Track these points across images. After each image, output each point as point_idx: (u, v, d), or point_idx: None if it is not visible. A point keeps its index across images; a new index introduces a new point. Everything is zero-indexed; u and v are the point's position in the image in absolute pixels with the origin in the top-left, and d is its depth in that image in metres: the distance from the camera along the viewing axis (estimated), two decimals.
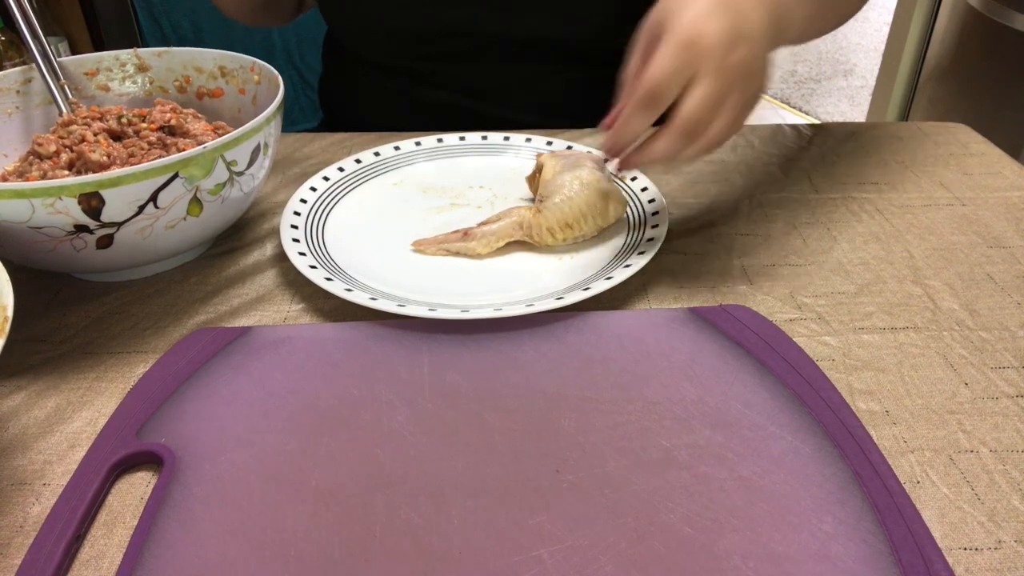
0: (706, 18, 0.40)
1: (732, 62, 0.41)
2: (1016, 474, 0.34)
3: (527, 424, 0.35)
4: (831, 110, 2.77)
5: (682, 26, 0.41)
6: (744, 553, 0.29)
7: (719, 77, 0.41)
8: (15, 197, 0.37)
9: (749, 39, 0.41)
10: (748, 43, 0.41)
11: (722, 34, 0.40)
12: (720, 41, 0.40)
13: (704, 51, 0.41)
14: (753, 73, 0.41)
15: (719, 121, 0.42)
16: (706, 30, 0.40)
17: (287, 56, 1.20)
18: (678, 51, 0.41)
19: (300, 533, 0.30)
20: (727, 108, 0.41)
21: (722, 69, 0.41)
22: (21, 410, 0.38)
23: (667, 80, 0.41)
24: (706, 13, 0.40)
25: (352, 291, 0.43)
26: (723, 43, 0.40)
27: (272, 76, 0.51)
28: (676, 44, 0.41)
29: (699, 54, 0.41)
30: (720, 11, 0.40)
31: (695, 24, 0.40)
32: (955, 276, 0.47)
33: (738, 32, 0.40)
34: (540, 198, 0.49)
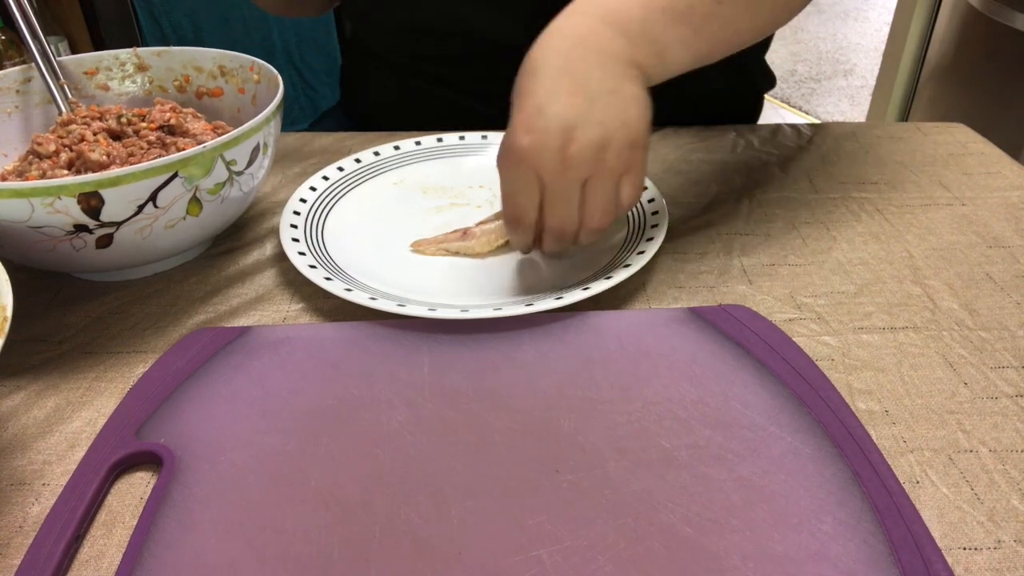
0: (534, 117, 0.39)
1: (571, 158, 0.39)
2: (1015, 474, 0.34)
3: (527, 424, 0.35)
4: (831, 110, 2.77)
5: (509, 138, 0.40)
6: (743, 553, 0.29)
7: (561, 179, 0.40)
8: (14, 196, 0.37)
9: (587, 119, 0.39)
10: (586, 125, 0.39)
11: (551, 133, 0.38)
12: (548, 143, 0.39)
13: (536, 160, 0.39)
14: (604, 152, 0.40)
15: (591, 207, 0.41)
16: (531, 137, 0.39)
17: (287, 56, 1.21)
18: (512, 169, 0.40)
19: (300, 533, 0.30)
20: (595, 194, 0.40)
21: (561, 172, 0.39)
22: (20, 410, 0.38)
23: (515, 203, 0.41)
24: (534, 111, 0.39)
25: (352, 291, 0.43)
26: (554, 143, 0.39)
27: (272, 76, 0.51)
28: (509, 161, 0.40)
29: (532, 164, 0.39)
30: (552, 96, 0.39)
31: (520, 132, 0.39)
32: (954, 276, 0.47)
33: (572, 117, 0.39)
34: None
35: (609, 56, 0.40)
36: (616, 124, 0.40)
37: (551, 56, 0.40)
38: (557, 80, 0.39)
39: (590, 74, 0.39)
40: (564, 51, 0.40)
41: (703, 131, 0.66)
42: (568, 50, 0.40)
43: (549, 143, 0.39)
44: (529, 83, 0.40)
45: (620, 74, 0.40)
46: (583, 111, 0.39)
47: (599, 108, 0.39)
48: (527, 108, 0.39)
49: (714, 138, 0.65)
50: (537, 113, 0.39)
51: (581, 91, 0.39)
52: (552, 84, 0.39)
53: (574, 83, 0.39)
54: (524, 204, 0.41)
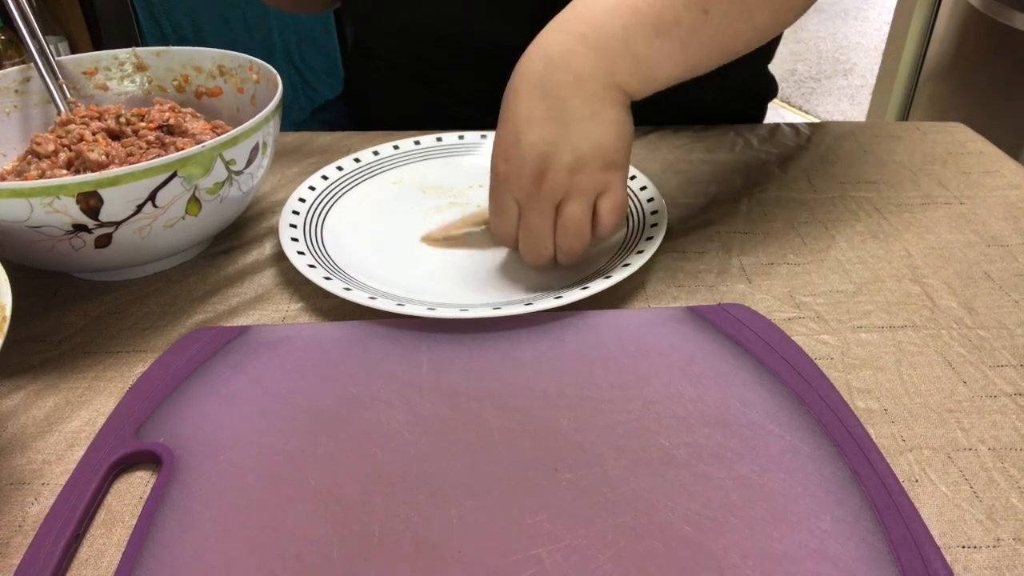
0: (512, 145, 0.40)
1: (545, 183, 0.40)
2: (1014, 472, 0.34)
3: (526, 423, 0.35)
4: (831, 109, 2.77)
5: (492, 161, 0.42)
6: (743, 552, 0.29)
7: (534, 203, 0.41)
8: (13, 196, 0.37)
9: (561, 146, 0.39)
10: (560, 152, 0.39)
11: (526, 161, 0.40)
12: (524, 171, 0.40)
13: (513, 186, 0.41)
14: (577, 174, 0.40)
15: (564, 229, 0.42)
16: (508, 166, 0.40)
17: (287, 56, 1.21)
18: (494, 191, 0.42)
19: (299, 532, 0.30)
20: (567, 215, 0.41)
21: (535, 196, 0.41)
22: (20, 410, 0.38)
23: (497, 223, 0.43)
24: (512, 139, 0.40)
25: (351, 290, 0.43)
26: (530, 171, 0.40)
27: (271, 75, 0.51)
28: (491, 183, 0.43)
29: (510, 190, 0.41)
30: (528, 123, 0.40)
31: (499, 159, 0.41)
32: (953, 275, 0.47)
33: (547, 145, 0.39)
34: None
35: (587, 78, 0.40)
36: (591, 148, 0.40)
37: (531, 77, 0.40)
38: (534, 104, 0.40)
39: (567, 99, 0.39)
40: (542, 73, 0.40)
41: (702, 131, 0.66)
42: (546, 72, 0.40)
43: (525, 171, 0.40)
44: (510, 104, 0.41)
45: (599, 97, 0.40)
46: (558, 138, 0.39)
47: (575, 134, 0.40)
48: (506, 134, 0.41)
49: (713, 138, 0.65)
50: (515, 141, 0.40)
51: (557, 118, 0.39)
52: (529, 109, 0.40)
53: (550, 108, 0.40)
54: (505, 226, 0.43)
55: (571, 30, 0.41)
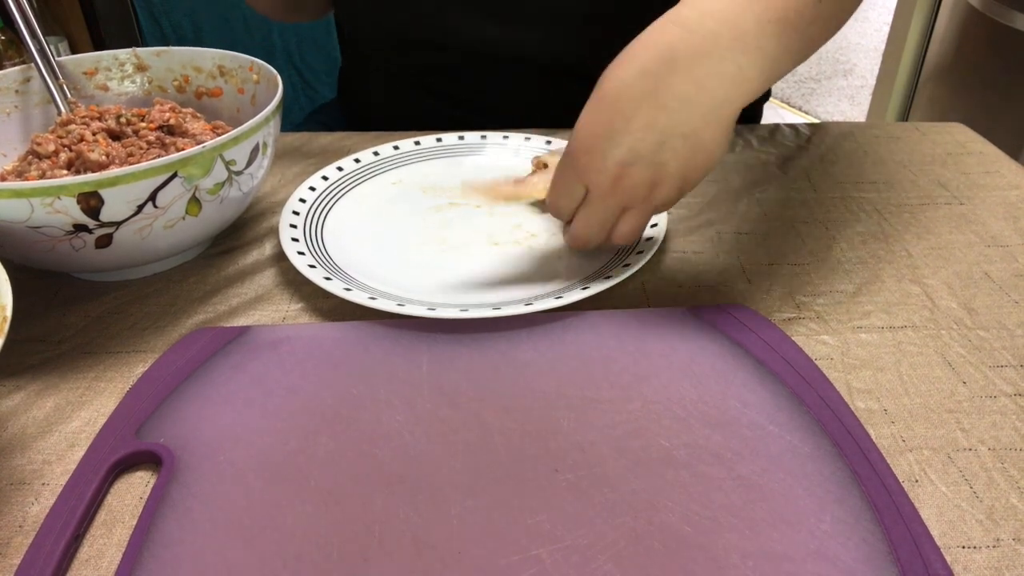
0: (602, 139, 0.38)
1: (621, 189, 0.39)
2: (1014, 472, 0.34)
3: (526, 423, 0.35)
4: (831, 109, 2.77)
5: (575, 141, 0.39)
6: (743, 552, 0.29)
7: (603, 202, 0.40)
8: (14, 197, 0.37)
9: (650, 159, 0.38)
10: (645, 164, 0.38)
11: (609, 160, 0.38)
12: (605, 169, 0.38)
13: (588, 177, 0.39)
14: (653, 190, 0.39)
15: (622, 231, 0.42)
16: (590, 158, 0.38)
17: (287, 56, 1.20)
18: (566, 170, 0.40)
19: (299, 532, 0.30)
20: (629, 222, 0.41)
21: (607, 196, 0.39)
22: (20, 410, 0.38)
23: (558, 198, 0.42)
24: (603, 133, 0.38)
25: (351, 290, 0.43)
26: (611, 171, 0.38)
27: (271, 76, 0.51)
28: (566, 161, 0.40)
29: (584, 179, 0.39)
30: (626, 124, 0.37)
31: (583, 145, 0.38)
32: (953, 275, 0.47)
33: (636, 153, 0.37)
34: None
35: (710, 90, 0.37)
36: (675, 170, 0.38)
37: (643, 76, 0.37)
38: (637, 109, 0.37)
39: (673, 112, 0.37)
40: (658, 74, 0.37)
41: None
42: (663, 74, 0.37)
43: (606, 169, 0.38)
44: (613, 93, 0.38)
45: (714, 116, 0.37)
46: (650, 151, 0.37)
47: (666, 153, 0.38)
48: (599, 122, 0.38)
49: None
50: (607, 135, 0.38)
51: (654, 130, 0.37)
52: (632, 108, 0.37)
53: (650, 119, 0.37)
54: (565, 204, 0.42)
55: (697, 28, 0.37)
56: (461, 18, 0.64)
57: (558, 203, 0.42)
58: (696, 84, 0.37)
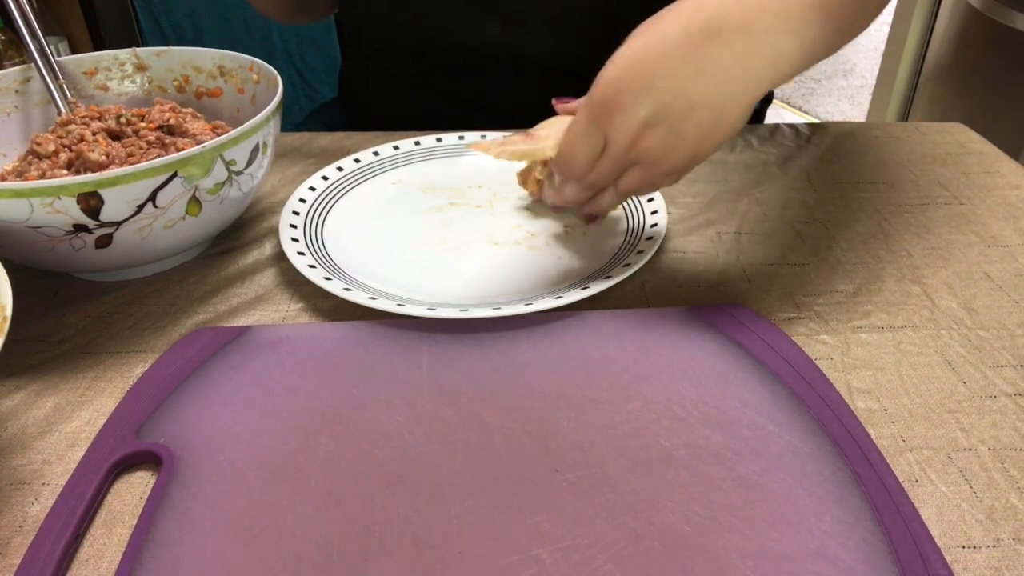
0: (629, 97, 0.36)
1: (637, 149, 0.38)
2: (1014, 472, 0.34)
3: (526, 423, 0.35)
4: (831, 109, 2.77)
5: (599, 94, 0.37)
6: (743, 552, 0.29)
7: (616, 157, 0.39)
8: (14, 197, 0.37)
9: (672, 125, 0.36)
10: (666, 129, 0.36)
11: (634, 119, 0.36)
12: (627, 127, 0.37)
13: (608, 131, 0.38)
14: (667, 154, 0.38)
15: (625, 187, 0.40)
16: (616, 119, 0.37)
17: (287, 56, 1.20)
18: (586, 121, 0.38)
19: (299, 532, 0.30)
20: (633, 178, 0.40)
21: (621, 153, 0.38)
22: (20, 410, 0.38)
23: (575, 151, 0.40)
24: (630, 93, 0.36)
25: (351, 290, 0.43)
26: (631, 131, 0.37)
27: (271, 76, 0.51)
28: (587, 113, 0.38)
29: (604, 131, 0.38)
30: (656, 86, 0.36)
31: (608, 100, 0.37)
32: (953, 275, 0.47)
33: (661, 117, 0.36)
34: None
35: (746, 65, 0.36)
36: (693, 140, 0.38)
37: (685, 39, 0.36)
38: (673, 71, 0.36)
39: (708, 81, 0.36)
40: (699, 41, 0.36)
41: None
42: (708, 42, 0.35)
43: (627, 125, 0.37)
44: (646, 50, 0.36)
45: (738, 89, 0.37)
46: (676, 116, 0.36)
47: (691, 121, 0.37)
48: (630, 78, 0.36)
49: None
50: (633, 95, 0.36)
51: (685, 96, 0.36)
52: (665, 71, 0.36)
53: (684, 83, 0.36)
54: (583, 155, 0.40)
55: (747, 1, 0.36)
56: (461, 19, 0.64)
57: (575, 153, 0.40)
58: (736, 57, 0.36)
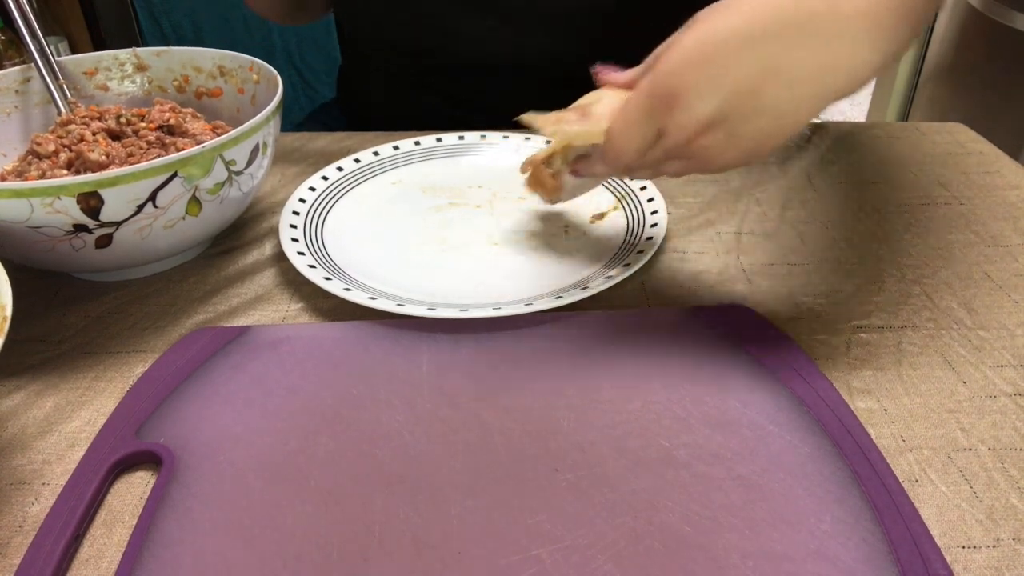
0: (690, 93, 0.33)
1: (692, 146, 0.34)
2: (1014, 472, 0.34)
3: (526, 423, 0.35)
4: (831, 109, 2.77)
5: (658, 85, 0.34)
6: (743, 552, 0.29)
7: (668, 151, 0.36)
8: (14, 197, 0.37)
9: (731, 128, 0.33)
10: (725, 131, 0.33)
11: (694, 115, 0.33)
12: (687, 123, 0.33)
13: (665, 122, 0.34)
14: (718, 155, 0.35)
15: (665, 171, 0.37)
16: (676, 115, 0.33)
17: (287, 56, 1.20)
18: (643, 109, 0.35)
19: (299, 532, 0.30)
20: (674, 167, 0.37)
21: (675, 147, 0.35)
22: (20, 410, 0.38)
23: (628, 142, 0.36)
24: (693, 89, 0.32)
25: (351, 290, 0.43)
26: (692, 127, 0.33)
27: (271, 76, 0.51)
28: (650, 96, 0.34)
29: (661, 122, 0.34)
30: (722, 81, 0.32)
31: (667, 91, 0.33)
32: (953, 275, 0.47)
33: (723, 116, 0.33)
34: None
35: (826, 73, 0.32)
36: (750, 147, 0.34)
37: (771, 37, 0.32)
38: (746, 72, 0.32)
39: (781, 86, 0.32)
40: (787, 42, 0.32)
41: None
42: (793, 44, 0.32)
43: (686, 123, 0.33)
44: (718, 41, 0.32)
45: (808, 98, 0.33)
46: (739, 119, 0.33)
47: (753, 126, 0.33)
48: (696, 70, 0.32)
49: None
50: (698, 92, 0.32)
51: (758, 98, 0.32)
52: (740, 66, 0.32)
53: (756, 86, 0.32)
54: (635, 147, 0.36)
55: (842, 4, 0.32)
56: (460, 20, 0.64)
57: (626, 145, 0.36)
58: (821, 65, 0.32)
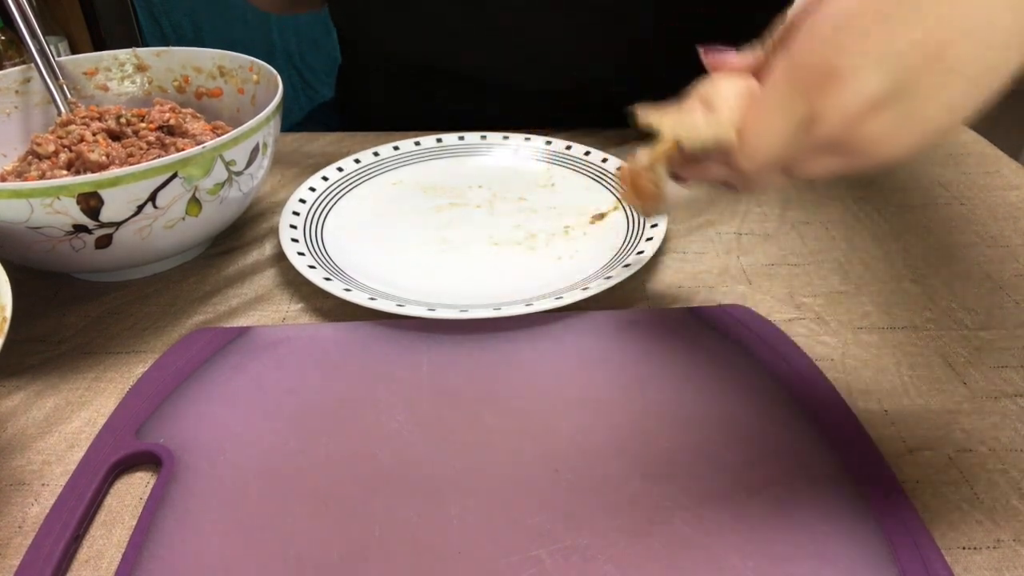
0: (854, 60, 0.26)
1: (858, 133, 0.27)
2: (1015, 473, 0.34)
3: (526, 424, 0.35)
4: None
5: (817, 35, 0.27)
6: (743, 552, 0.29)
7: (824, 144, 0.28)
8: (14, 197, 0.37)
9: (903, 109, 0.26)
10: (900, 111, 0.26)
11: (861, 96, 0.26)
12: (848, 104, 0.26)
13: (830, 100, 0.27)
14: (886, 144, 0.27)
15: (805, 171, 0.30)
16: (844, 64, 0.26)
17: (287, 56, 1.21)
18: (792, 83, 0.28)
19: (299, 533, 0.30)
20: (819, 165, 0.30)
21: (836, 134, 0.28)
22: (20, 410, 0.38)
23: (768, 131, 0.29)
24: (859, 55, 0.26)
25: (351, 291, 0.43)
26: (853, 107, 0.26)
27: (271, 76, 0.51)
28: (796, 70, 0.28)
29: (823, 99, 0.27)
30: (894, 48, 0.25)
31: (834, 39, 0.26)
32: (953, 275, 0.47)
33: (896, 91, 0.26)
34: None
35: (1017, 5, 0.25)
36: (932, 127, 0.27)
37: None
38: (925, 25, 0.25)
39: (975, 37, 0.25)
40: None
41: None
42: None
43: (849, 105, 0.26)
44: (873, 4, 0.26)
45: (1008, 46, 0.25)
46: (917, 96, 0.26)
47: (940, 99, 0.26)
48: (856, 44, 0.26)
49: None
50: (862, 60, 0.26)
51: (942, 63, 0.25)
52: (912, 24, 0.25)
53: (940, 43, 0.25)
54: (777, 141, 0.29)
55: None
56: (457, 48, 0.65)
57: (769, 138, 0.29)
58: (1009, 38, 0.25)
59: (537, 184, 0.57)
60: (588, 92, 0.66)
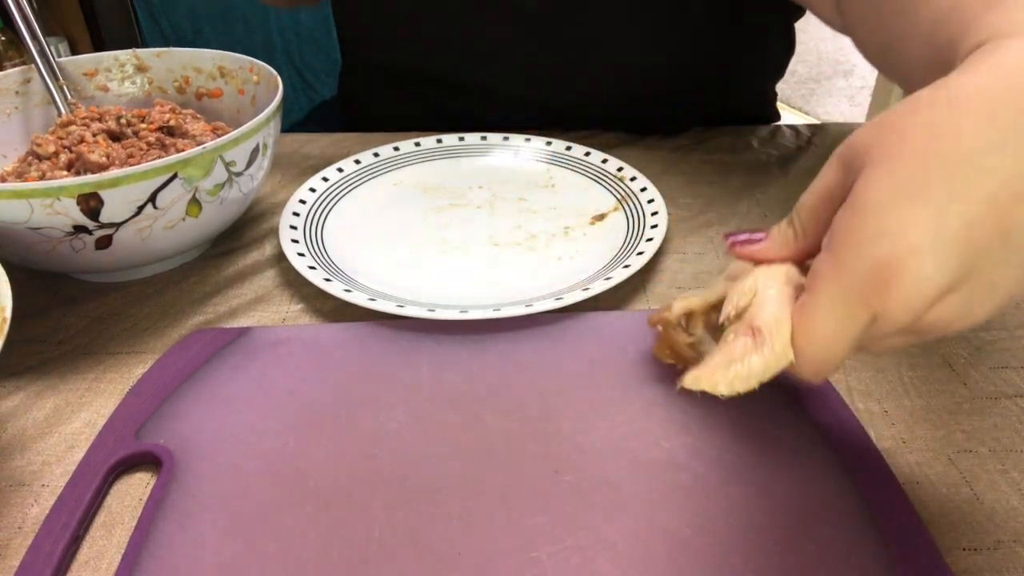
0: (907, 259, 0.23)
1: (927, 321, 0.25)
2: (1015, 474, 0.34)
3: (526, 425, 0.35)
4: (831, 110, 2.77)
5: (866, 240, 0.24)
6: (743, 553, 0.29)
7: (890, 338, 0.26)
8: (14, 198, 0.37)
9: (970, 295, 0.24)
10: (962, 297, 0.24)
11: (921, 293, 0.24)
12: (911, 303, 0.24)
13: (895, 299, 0.24)
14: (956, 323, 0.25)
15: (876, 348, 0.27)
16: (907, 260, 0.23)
17: (287, 56, 1.21)
18: (846, 289, 0.25)
19: (299, 534, 0.30)
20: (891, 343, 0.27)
21: (906, 328, 0.25)
22: (20, 411, 0.38)
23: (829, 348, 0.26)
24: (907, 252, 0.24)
25: (351, 292, 0.43)
26: (932, 291, 0.24)
27: (271, 76, 0.51)
28: (850, 279, 0.25)
29: (886, 300, 0.24)
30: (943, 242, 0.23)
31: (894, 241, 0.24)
32: None
33: (957, 279, 0.24)
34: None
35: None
36: (1000, 300, 0.25)
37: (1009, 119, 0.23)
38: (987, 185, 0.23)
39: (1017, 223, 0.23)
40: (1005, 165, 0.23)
41: (702, 131, 0.66)
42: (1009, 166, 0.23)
43: (916, 302, 0.24)
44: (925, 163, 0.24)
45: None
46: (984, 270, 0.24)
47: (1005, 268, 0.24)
48: (916, 239, 0.23)
49: (713, 138, 0.65)
50: (921, 256, 0.23)
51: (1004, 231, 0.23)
52: (971, 192, 0.23)
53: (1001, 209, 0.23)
54: (839, 352, 0.26)
55: None
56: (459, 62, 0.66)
57: (831, 356, 0.26)
58: None
59: (537, 185, 0.57)
60: (588, 106, 0.66)
